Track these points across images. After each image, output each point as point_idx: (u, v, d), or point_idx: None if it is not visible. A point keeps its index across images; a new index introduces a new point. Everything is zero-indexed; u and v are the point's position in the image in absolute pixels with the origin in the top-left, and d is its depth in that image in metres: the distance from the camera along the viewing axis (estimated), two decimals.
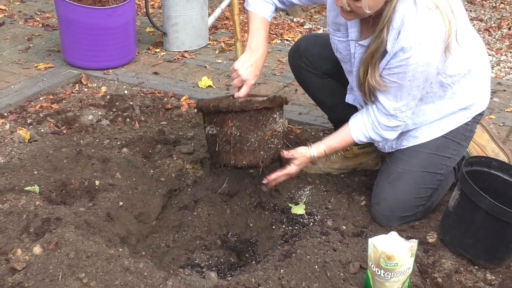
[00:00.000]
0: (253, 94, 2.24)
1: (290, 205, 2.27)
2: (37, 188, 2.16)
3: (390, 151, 2.21)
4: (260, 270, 1.85)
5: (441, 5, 1.75)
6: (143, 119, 2.94)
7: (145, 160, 2.49)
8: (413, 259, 1.66)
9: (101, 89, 3.30)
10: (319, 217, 2.20)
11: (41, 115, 2.90)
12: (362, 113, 2.04)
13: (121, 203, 2.19)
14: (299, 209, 2.24)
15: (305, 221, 2.20)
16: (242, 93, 2.07)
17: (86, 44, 3.45)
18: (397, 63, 1.81)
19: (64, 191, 2.21)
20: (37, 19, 4.46)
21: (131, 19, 3.59)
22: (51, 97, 3.17)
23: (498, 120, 2.97)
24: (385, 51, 1.84)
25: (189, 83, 3.43)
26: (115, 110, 2.99)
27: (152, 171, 2.42)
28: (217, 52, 3.99)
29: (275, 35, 4.30)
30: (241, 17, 2.20)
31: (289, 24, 4.74)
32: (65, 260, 1.74)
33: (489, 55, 3.97)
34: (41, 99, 3.15)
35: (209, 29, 4.17)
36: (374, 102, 1.97)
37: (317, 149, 2.08)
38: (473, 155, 2.29)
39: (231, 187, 2.42)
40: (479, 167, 2.01)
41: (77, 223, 1.95)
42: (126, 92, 3.29)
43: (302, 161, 2.10)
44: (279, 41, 4.21)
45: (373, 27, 1.86)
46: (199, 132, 2.74)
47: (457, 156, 2.12)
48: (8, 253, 1.78)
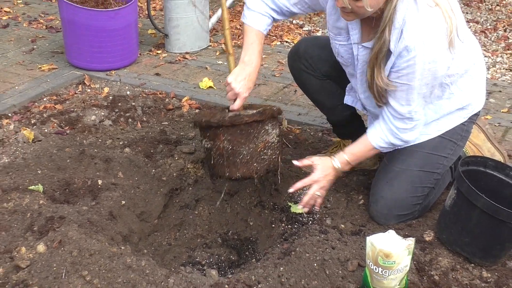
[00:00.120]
0: (250, 104, 2.27)
1: (289, 204, 2.27)
2: (41, 187, 2.16)
3: (387, 151, 2.21)
4: (260, 268, 1.85)
5: (440, 2, 1.75)
6: (145, 119, 2.94)
7: (147, 159, 2.49)
8: (411, 257, 1.66)
9: (103, 90, 3.30)
10: (318, 215, 2.20)
11: (45, 116, 2.90)
12: (379, 121, 2.01)
13: (124, 202, 2.19)
14: (298, 208, 2.24)
15: (304, 219, 2.20)
16: (236, 106, 2.07)
17: (89, 45, 3.45)
18: (404, 63, 1.79)
19: (67, 190, 2.21)
20: (41, 21, 4.45)
21: (133, 21, 3.59)
22: (55, 97, 3.17)
23: (494, 120, 2.98)
24: (389, 51, 1.83)
25: (190, 84, 3.44)
26: (118, 110, 2.99)
27: (154, 170, 2.42)
28: (217, 53, 3.99)
29: (274, 37, 4.30)
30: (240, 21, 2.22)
31: (288, 26, 4.74)
32: (68, 258, 1.74)
33: (485, 56, 3.96)
34: (44, 99, 3.15)
35: (210, 31, 4.17)
36: (385, 103, 1.95)
37: (339, 158, 2.04)
38: (469, 155, 2.29)
39: (231, 186, 2.42)
40: (475, 167, 2.02)
41: (80, 222, 1.95)
42: (128, 93, 3.29)
43: (323, 167, 2.04)
44: (279, 43, 4.21)
45: (375, 28, 1.85)
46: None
47: (454, 155, 2.12)
48: (12, 251, 1.78)
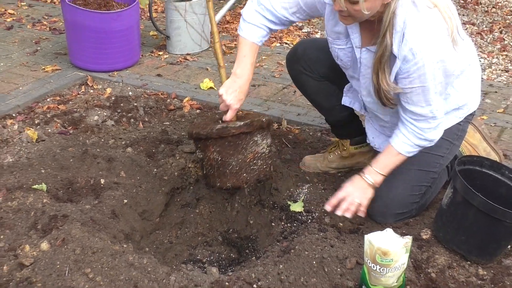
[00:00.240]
0: (246, 113, 2.30)
1: (289, 202, 2.27)
2: (44, 186, 2.16)
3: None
4: (260, 265, 1.85)
5: (439, 3, 1.75)
6: (146, 119, 2.94)
7: (148, 159, 2.49)
8: (408, 255, 1.66)
9: (106, 91, 3.30)
10: (317, 214, 2.20)
11: (49, 116, 2.90)
12: (398, 129, 1.98)
13: (126, 201, 2.19)
14: (297, 207, 2.24)
15: (304, 218, 2.19)
16: (228, 117, 2.07)
17: (91, 47, 3.44)
18: (413, 67, 1.77)
19: (70, 189, 2.21)
20: (45, 23, 4.45)
21: (135, 23, 3.59)
22: (58, 98, 3.17)
23: (489, 120, 2.97)
24: (393, 55, 1.81)
25: (191, 85, 3.43)
26: (120, 111, 2.99)
27: (155, 170, 2.42)
28: None
29: (274, 38, 4.29)
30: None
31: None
32: (71, 255, 1.74)
33: (481, 57, 3.96)
34: (48, 100, 3.15)
35: (210, 32, 4.16)
36: (393, 105, 1.94)
37: (369, 172, 2.03)
38: (465, 154, 2.28)
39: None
40: (472, 166, 2.02)
41: (83, 220, 1.95)
42: (130, 93, 3.29)
43: (353, 182, 2.04)
44: (278, 44, 4.21)
45: (375, 31, 1.84)
46: None
47: (450, 154, 2.12)
48: (16, 249, 1.78)
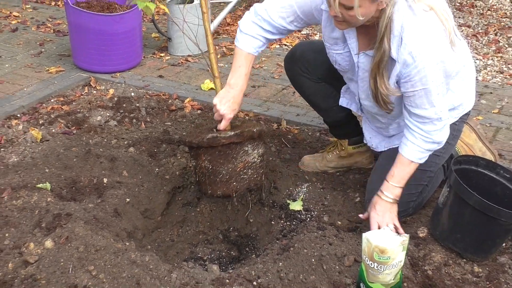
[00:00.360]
0: (243, 121, 2.31)
1: (288, 201, 2.27)
2: (48, 185, 2.16)
3: (382, 150, 2.21)
4: (259, 263, 1.85)
5: (435, 6, 1.74)
6: (148, 120, 2.94)
7: (150, 158, 2.50)
8: (405, 252, 1.66)
9: (109, 92, 3.30)
10: (315, 213, 2.20)
11: (52, 116, 2.90)
12: (405, 137, 1.94)
13: (128, 200, 2.19)
14: (296, 206, 2.24)
15: (303, 216, 2.20)
16: (221, 126, 2.07)
17: (94, 48, 3.44)
18: (414, 70, 1.76)
19: (74, 188, 2.21)
20: (49, 25, 4.45)
21: (137, 25, 3.59)
22: (62, 99, 3.17)
23: (485, 121, 2.97)
24: (392, 59, 1.80)
25: (193, 86, 3.43)
26: (122, 111, 2.99)
27: (157, 169, 2.42)
28: (219, 56, 3.98)
29: (274, 40, 4.29)
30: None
31: None
32: (75, 253, 1.74)
33: (477, 59, 3.95)
34: (52, 101, 3.15)
35: (211, 34, 4.16)
36: (390, 109, 1.94)
37: (385, 189, 1.97)
38: (461, 154, 2.29)
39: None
40: (467, 166, 2.02)
41: (86, 219, 1.95)
42: (132, 94, 3.29)
43: (376, 208, 1.96)
44: (278, 46, 4.21)
45: (372, 36, 1.83)
46: None
47: (446, 154, 2.12)
48: (21, 246, 1.78)
